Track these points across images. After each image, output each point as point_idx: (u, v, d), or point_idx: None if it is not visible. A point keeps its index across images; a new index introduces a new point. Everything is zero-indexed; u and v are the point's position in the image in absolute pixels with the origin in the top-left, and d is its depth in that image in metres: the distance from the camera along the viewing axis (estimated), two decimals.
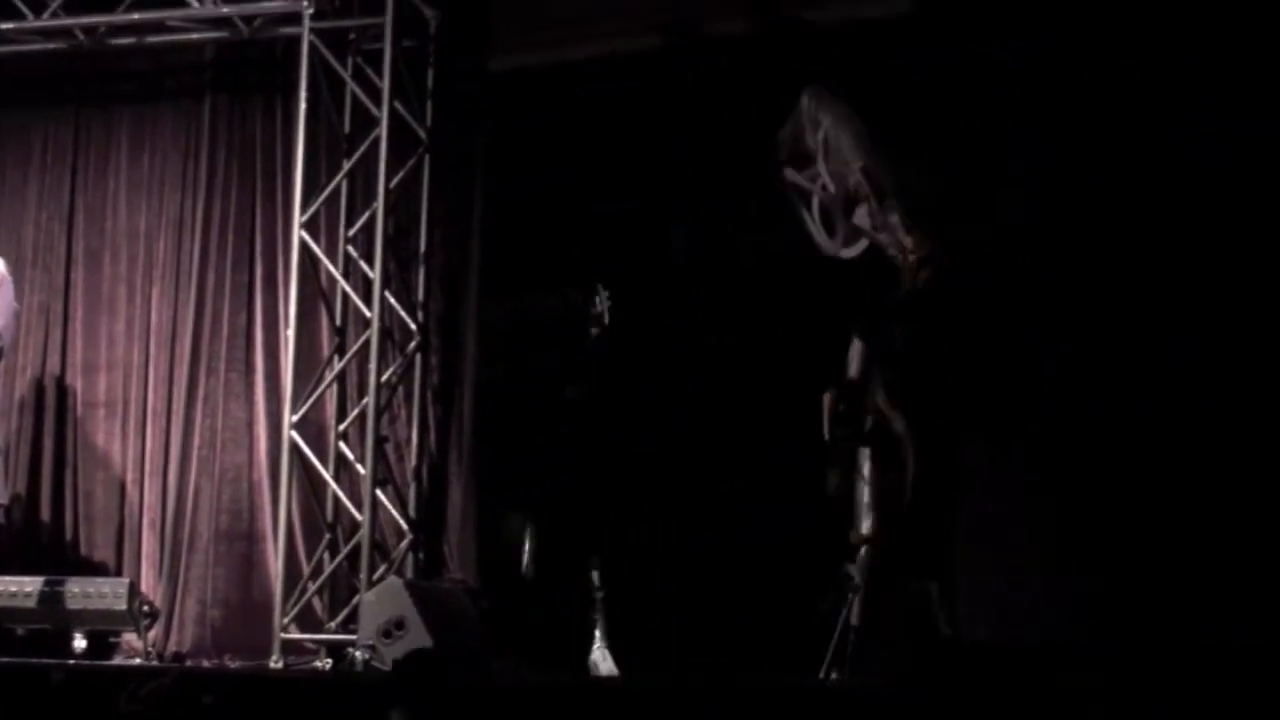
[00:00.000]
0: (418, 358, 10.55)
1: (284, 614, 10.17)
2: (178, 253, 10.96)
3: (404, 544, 10.32)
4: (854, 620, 8.18)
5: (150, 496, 10.79)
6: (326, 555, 10.48)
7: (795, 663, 8.78)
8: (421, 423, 10.53)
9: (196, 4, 10.63)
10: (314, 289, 10.70)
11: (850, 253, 8.62)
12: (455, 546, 10.41)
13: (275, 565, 10.39)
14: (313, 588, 10.37)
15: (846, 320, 8.60)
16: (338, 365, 10.61)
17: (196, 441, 10.76)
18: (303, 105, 10.56)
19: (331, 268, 10.58)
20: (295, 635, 10.16)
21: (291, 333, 10.54)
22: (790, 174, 8.87)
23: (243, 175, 10.95)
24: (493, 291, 10.54)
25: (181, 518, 10.66)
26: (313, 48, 10.46)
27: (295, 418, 10.41)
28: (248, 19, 10.62)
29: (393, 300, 10.45)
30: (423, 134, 10.56)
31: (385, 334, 10.42)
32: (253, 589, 10.55)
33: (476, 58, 10.66)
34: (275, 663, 9.90)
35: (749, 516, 9.85)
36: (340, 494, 10.46)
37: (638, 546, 9.94)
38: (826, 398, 8.29)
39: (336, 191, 10.61)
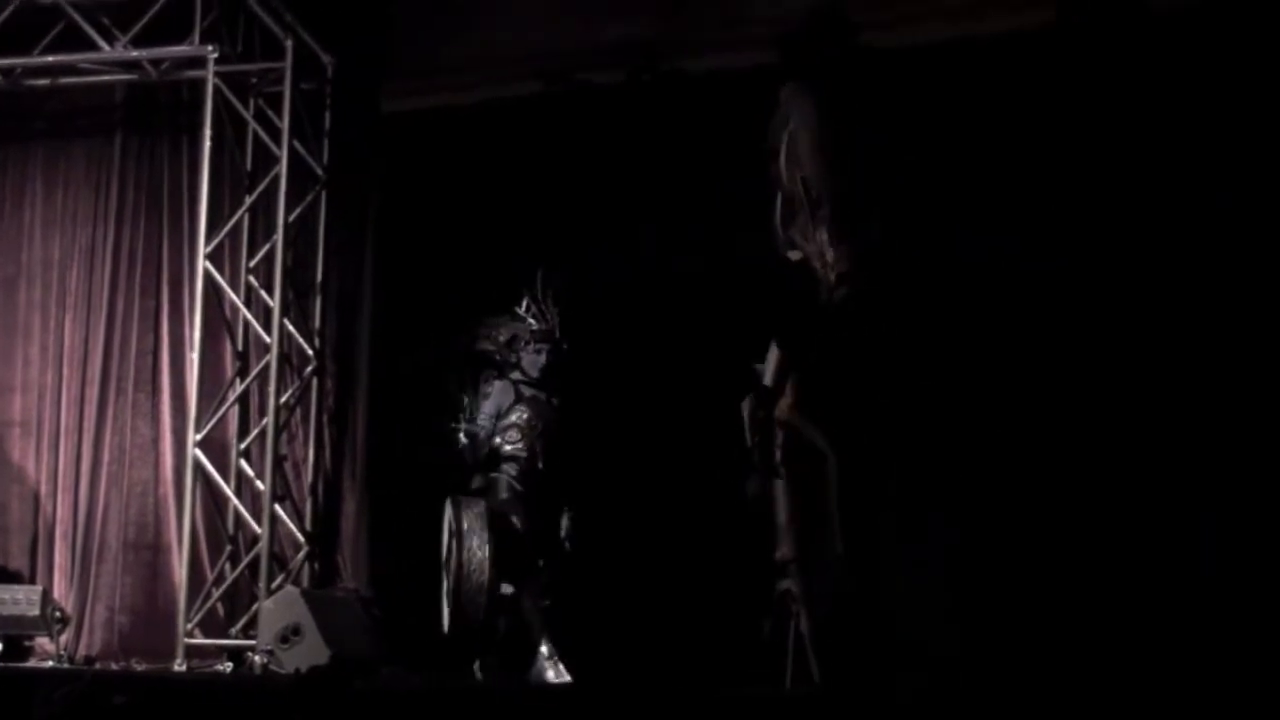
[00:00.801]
0: (314, 381, 10.66)
1: (188, 620, 10.24)
2: (89, 281, 11.03)
3: (300, 555, 10.42)
4: (804, 629, 7.93)
5: (62, 509, 10.86)
6: (228, 565, 10.53)
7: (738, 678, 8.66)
8: (317, 442, 10.61)
9: (107, 48, 10.69)
10: (217, 316, 10.79)
11: (794, 255, 8.27)
12: (349, 558, 10.49)
13: (180, 574, 10.42)
14: (215, 595, 10.52)
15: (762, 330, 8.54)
16: (239, 387, 10.71)
17: (106, 458, 10.83)
18: (207, 144, 10.68)
19: (234, 296, 10.69)
20: (199, 640, 10.26)
21: (196, 356, 10.60)
22: (772, 166, 8.56)
23: (150, 209, 11.01)
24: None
25: (92, 529, 10.75)
26: (216, 90, 10.57)
27: (199, 436, 10.51)
28: (155, 62, 10.72)
29: (291, 327, 10.57)
30: (320, 171, 10.71)
31: (284, 358, 10.53)
32: (158, 596, 10.61)
33: (371, 101, 10.71)
34: (179, 666, 9.98)
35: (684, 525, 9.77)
36: (241, 508, 10.51)
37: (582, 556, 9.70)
38: (745, 404, 8.10)
39: (239, 225, 10.74)
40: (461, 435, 9.39)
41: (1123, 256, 8.82)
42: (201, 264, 10.55)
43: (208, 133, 10.62)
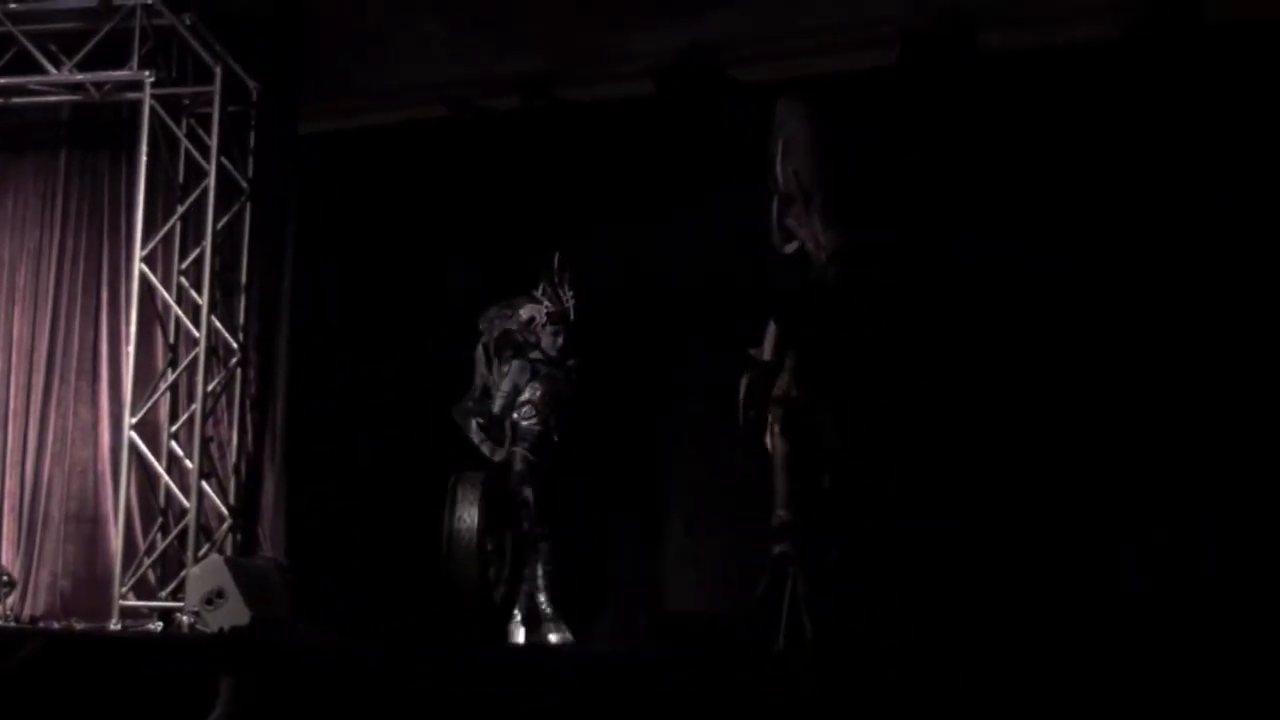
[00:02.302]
0: (238, 371, 10.74)
1: (123, 584, 10.33)
2: (36, 280, 11.11)
3: (224, 527, 10.51)
4: (801, 591, 7.83)
5: (10, 484, 10.94)
6: (159, 535, 10.61)
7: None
8: (241, 426, 10.69)
9: (55, 71, 10.74)
10: (151, 312, 10.82)
11: (789, 249, 8.25)
12: (268, 529, 10.56)
13: (116, 543, 10.51)
14: (147, 563, 10.56)
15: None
16: (170, 377, 10.73)
17: (50, 439, 10.91)
18: (143, 158, 10.70)
19: (166, 295, 10.74)
20: (132, 602, 10.30)
21: (132, 349, 10.69)
22: (770, 171, 8.49)
23: (92, 215, 11.11)
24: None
25: (37, 503, 10.84)
26: (152, 110, 10.64)
27: (134, 420, 10.60)
28: (98, 85, 10.78)
29: (218, 323, 10.65)
30: (245, 184, 10.77)
31: (211, 351, 10.62)
32: (96, 563, 10.69)
33: (291, 122, 10.76)
34: (115, 625, 10.08)
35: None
36: (171, 484, 10.58)
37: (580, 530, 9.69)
38: (743, 381, 8.06)
39: (171, 231, 10.79)
40: (470, 415, 9.40)
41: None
42: (137, 266, 10.64)
43: (144, 149, 10.68)
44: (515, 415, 9.30)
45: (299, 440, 10.66)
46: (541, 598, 9.24)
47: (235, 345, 10.74)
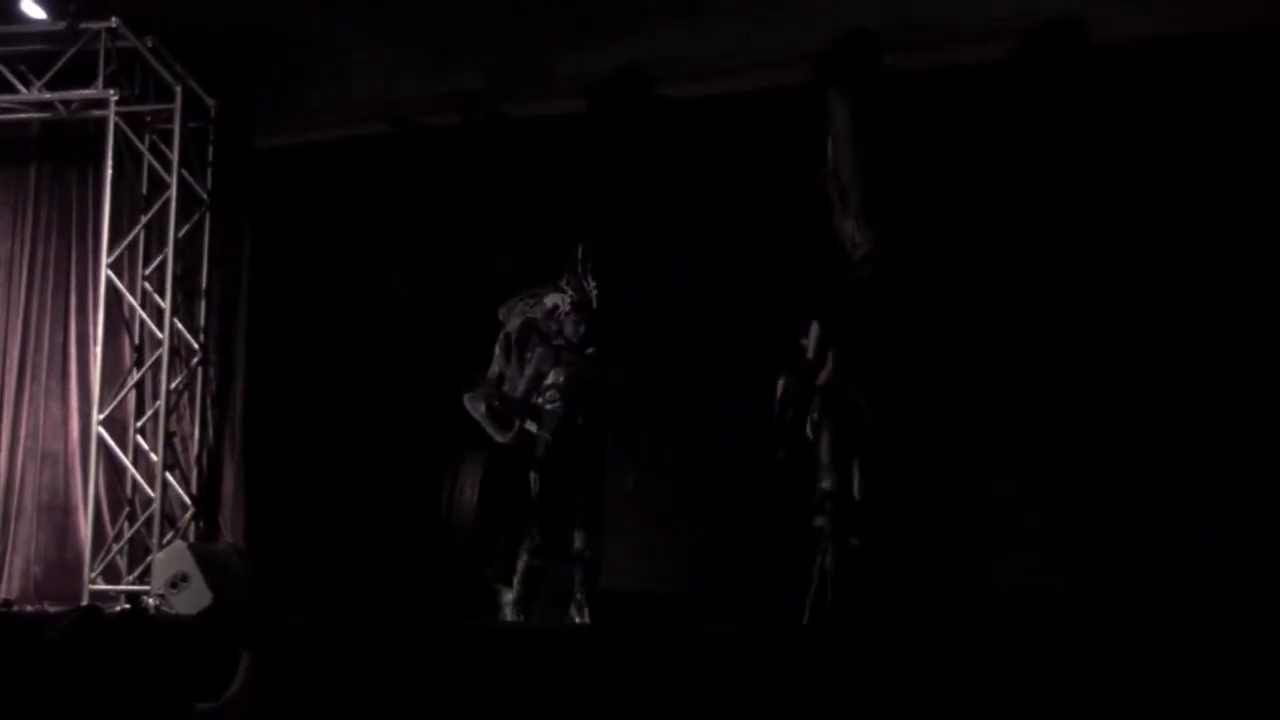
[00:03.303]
0: (199, 370, 10.76)
1: (92, 569, 10.42)
2: (8, 285, 11.13)
3: (187, 515, 10.58)
4: (828, 566, 7.76)
5: None
6: (126, 524, 10.67)
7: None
8: (202, 420, 10.73)
9: (25, 90, 10.77)
10: (118, 315, 10.86)
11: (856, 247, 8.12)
12: (228, 517, 10.63)
13: (85, 531, 10.58)
14: (115, 549, 10.58)
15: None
16: (136, 375, 10.80)
17: (23, 433, 10.92)
18: (109, 172, 10.77)
19: (131, 299, 10.80)
20: (101, 586, 10.36)
21: (99, 349, 10.77)
22: (823, 168, 8.42)
23: (61, 225, 11.14)
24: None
25: (11, 494, 10.85)
26: (117, 127, 10.71)
27: (102, 415, 10.67)
28: (66, 103, 10.82)
29: (180, 325, 10.70)
30: (204, 196, 10.80)
31: (174, 351, 10.66)
32: (67, 550, 10.71)
33: (247, 137, 10.85)
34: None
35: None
36: (137, 476, 10.67)
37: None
38: (780, 382, 7.93)
39: (136, 239, 10.83)
40: (480, 399, 9.13)
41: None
42: (104, 272, 10.72)
43: (109, 163, 10.75)
44: (540, 399, 9.13)
45: (257, 433, 10.72)
46: (577, 581, 9.00)
47: (196, 345, 10.80)
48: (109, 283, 10.84)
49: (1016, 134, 8.86)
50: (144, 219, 10.89)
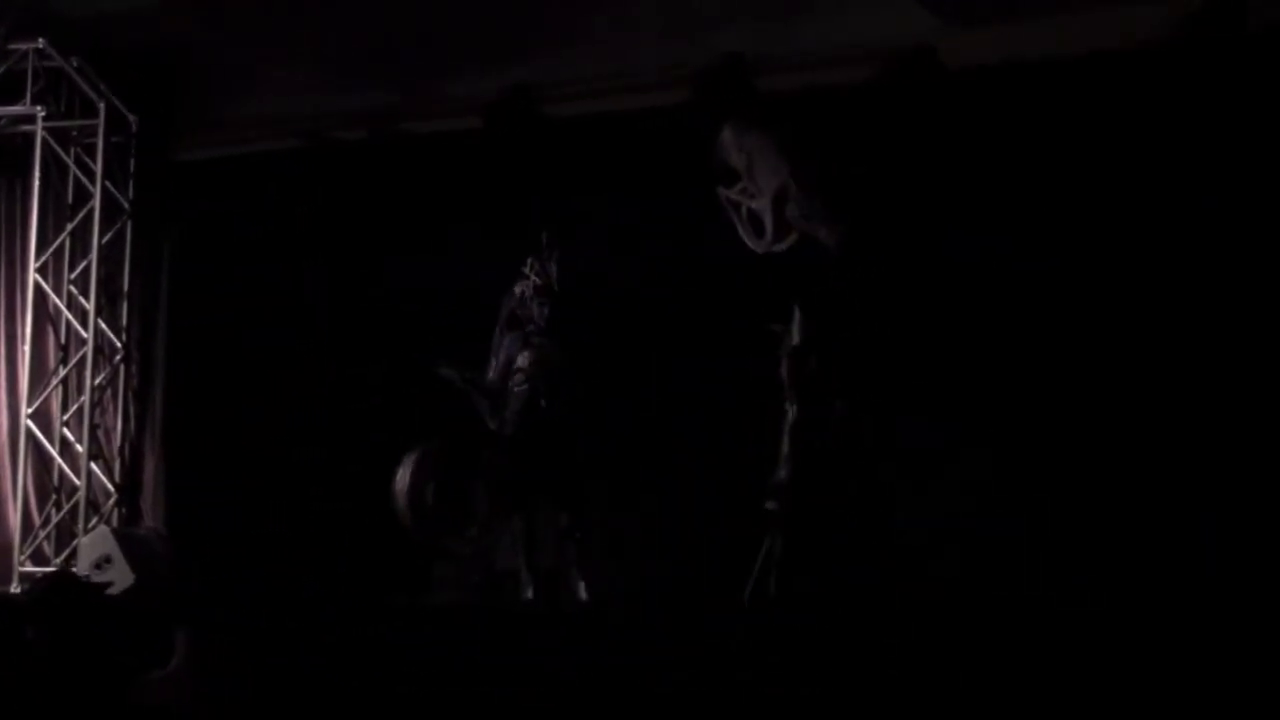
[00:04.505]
0: (122, 367, 10.86)
1: (21, 553, 10.54)
2: None
3: (111, 502, 10.69)
4: (776, 550, 7.72)
5: None
6: (54, 510, 10.77)
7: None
8: (124, 414, 10.83)
9: None
10: (44, 316, 10.99)
11: (781, 246, 8.17)
12: (149, 504, 10.76)
13: (15, 519, 10.70)
14: (43, 534, 10.68)
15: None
16: (62, 372, 10.93)
17: None
18: (36, 183, 10.89)
19: (58, 301, 10.91)
20: (30, 569, 10.38)
21: (27, 348, 10.91)
22: (722, 191, 8.53)
23: None
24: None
25: None
26: (44, 141, 10.77)
27: (30, 410, 10.79)
28: None
29: (103, 325, 10.81)
30: (126, 205, 10.88)
31: (98, 350, 10.76)
32: None
33: (167, 151, 10.93)
34: (15, 589, 10.19)
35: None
36: (64, 466, 10.78)
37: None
38: (785, 362, 7.88)
39: (62, 246, 10.91)
40: (454, 371, 9.13)
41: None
42: (32, 276, 10.83)
43: (37, 174, 10.81)
44: (510, 383, 9.09)
45: (176, 425, 10.84)
46: (568, 561, 8.96)
47: (119, 344, 10.88)
48: (36, 286, 10.92)
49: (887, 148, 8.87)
50: (69, 227, 10.94)
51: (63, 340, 11.08)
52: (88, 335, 10.81)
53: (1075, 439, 8.37)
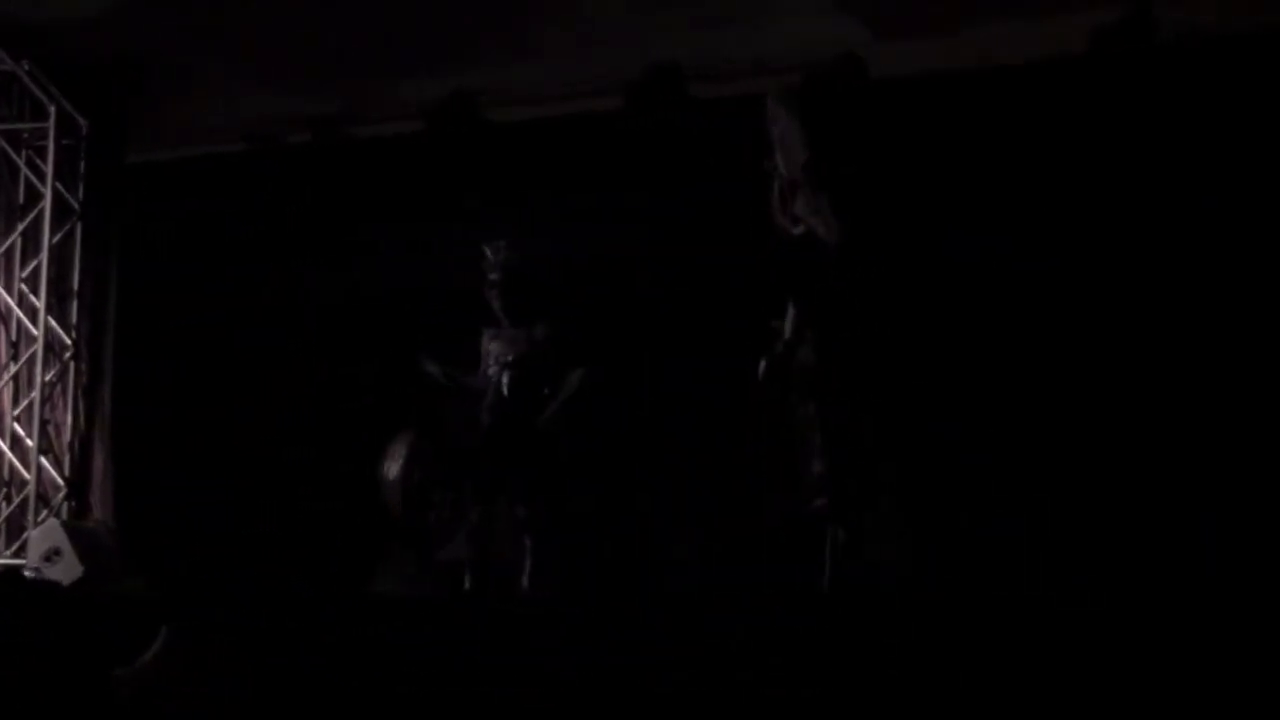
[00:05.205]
0: (71, 364, 10.81)
1: None
2: None
3: (60, 496, 10.68)
4: (841, 541, 7.56)
5: None
6: (4, 503, 10.75)
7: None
8: (74, 410, 10.78)
9: None
10: None
11: (796, 231, 7.93)
12: (98, 498, 10.73)
13: None
14: None
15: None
16: (13, 369, 10.88)
17: None
18: None
19: (8, 299, 10.88)
20: None
21: None
22: (766, 162, 8.18)
23: None
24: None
25: None
26: None
27: None
28: None
29: (53, 323, 10.78)
30: (76, 206, 10.82)
31: (48, 347, 10.72)
32: None
33: (116, 153, 10.88)
34: None
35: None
36: (14, 460, 10.76)
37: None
38: (763, 362, 7.76)
39: (13, 245, 10.87)
40: (438, 376, 8.99)
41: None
42: None
43: None
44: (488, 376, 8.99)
45: (124, 421, 10.87)
46: (527, 544, 8.87)
47: (69, 342, 10.87)
48: None
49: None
50: (20, 227, 10.92)
51: (13, 337, 11.05)
52: (38, 333, 10.80)
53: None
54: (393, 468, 9.25)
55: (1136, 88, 8.54)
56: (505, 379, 8.94)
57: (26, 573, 10.02)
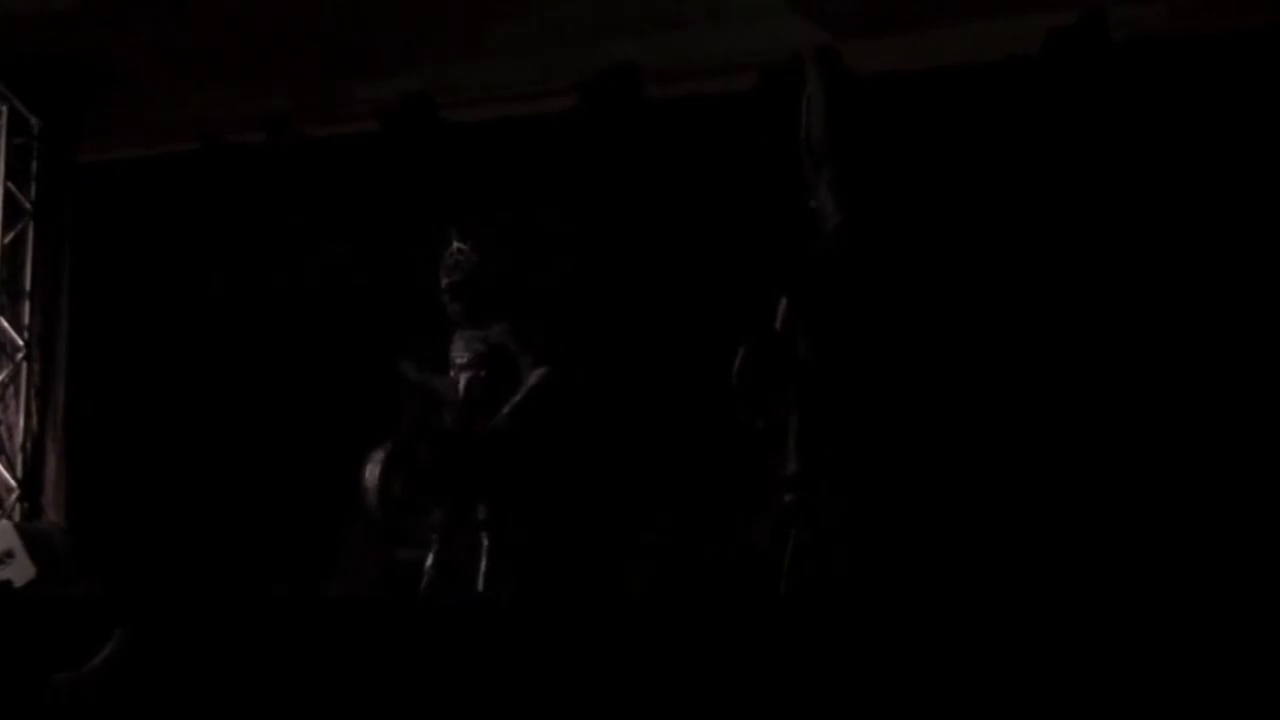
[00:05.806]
0: (24, 365, 10.92)
1: None
2: None
3: (13, 497, 10.76)
4: (802, 542, 7.24)
5: None
6: None
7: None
8: (26, 411, 10.87)
9: None
10: None
11: (812, 205, 7.61)
12: (51, 500, 10.81)
13: None
14: None
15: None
16: None
17: None
18: None
19: None
20: None
21: None
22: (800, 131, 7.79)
23: None
24: None
25: None
26: None
27: None
28: None
29: (5, 323, 10.88)
30: (28, 206, 10.94)
31: (0, 347, 10.84)
32: None
33: (69, 153, 10.96)
34: None
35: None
36: None
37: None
38: (740, 351, 7.37)
39: None
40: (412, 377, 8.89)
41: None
42: None
43: None
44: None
45: (77, 422, 10.87)
46: (484, 544, 8.71)
47: (21, 342, 10.91)
48: None
49: None
50: None
51: None
52: None
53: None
54: (373, 471, 8.88)
55: (1090, 89, 8.45)
56: (462, 381, 8.83)
57: None
